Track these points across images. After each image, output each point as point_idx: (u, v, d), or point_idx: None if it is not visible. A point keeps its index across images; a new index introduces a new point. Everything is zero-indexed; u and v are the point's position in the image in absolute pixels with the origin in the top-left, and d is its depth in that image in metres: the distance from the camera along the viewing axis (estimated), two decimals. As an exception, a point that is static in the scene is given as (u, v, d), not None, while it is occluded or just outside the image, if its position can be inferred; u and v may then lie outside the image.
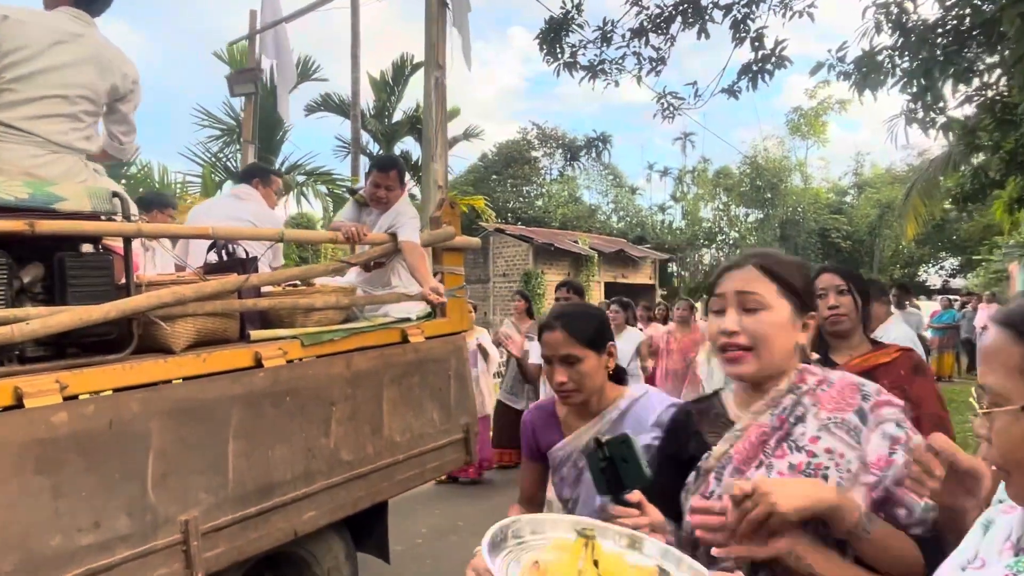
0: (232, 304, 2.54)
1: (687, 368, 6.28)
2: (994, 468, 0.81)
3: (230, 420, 2.30)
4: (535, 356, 5.91)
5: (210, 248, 2.97)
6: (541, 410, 1.92)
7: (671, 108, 7.70)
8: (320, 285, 3.24)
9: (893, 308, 4.81)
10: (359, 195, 3.68)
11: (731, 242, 40.25)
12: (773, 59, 6.84)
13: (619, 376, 1.83)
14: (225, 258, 2.93)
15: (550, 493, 1.93)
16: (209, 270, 2.83)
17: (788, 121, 40.13)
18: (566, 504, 1.80)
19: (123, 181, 7.87)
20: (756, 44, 6.84)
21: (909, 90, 6.16)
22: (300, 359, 2.67)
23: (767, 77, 6.92)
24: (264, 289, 2.90)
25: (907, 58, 6.09)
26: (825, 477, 1.15)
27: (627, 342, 5.75)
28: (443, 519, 5.23)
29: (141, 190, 8.26)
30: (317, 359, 2.74)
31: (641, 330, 7.23)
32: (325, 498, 2.66)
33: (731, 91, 7.24)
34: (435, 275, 3.51)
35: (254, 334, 2.62)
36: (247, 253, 3.00)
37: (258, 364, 2.45)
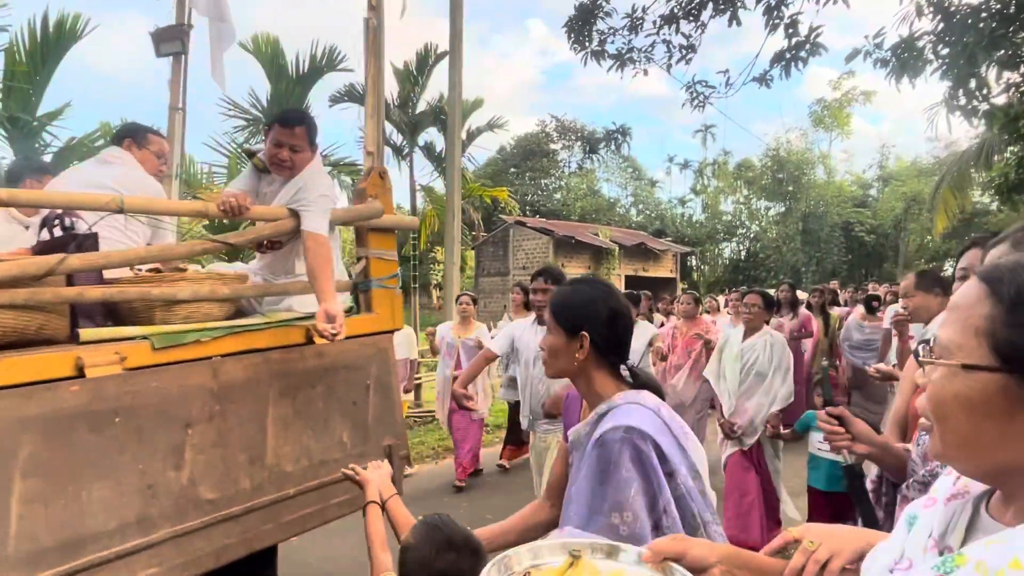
0: (42, 294, 1.90)
1: (691, 361, 5.99)
2: (922, 420, 0.88)
3: (16, 453, 1.71)
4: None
5: (43, 224, 2.29)
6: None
7: (701, 97, 7.54)
8: (205, 272, 2.56)
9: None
10: (258, 158, 2.85)
11: (752, 235, 39.82)
12: (808, 46, 6.67)
13: (631, 374, 1.64)
14: (60, 234, 2.24)
15: None
16: (40, 249, 2.18)
17: (811, 113, 39.58)
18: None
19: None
20: (790, 31, 6.68)
21: (950, 76, 5.97)
22: (146, 367, 2.03)
23: (801, 64, 6.76)
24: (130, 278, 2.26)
25: (949, 43, 5.88)
26: None
27: (638, 338, 5.45)
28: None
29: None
30: (167, 367, 2.08)
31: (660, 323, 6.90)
32: (171, 550, 2.02)
33: (763, 79, 7.10)
34: (358, 261, 2.81)
35: (85, 333, 1.99)
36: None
37: (80, 373, 1.84)
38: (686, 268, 34.85)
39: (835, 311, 8.14)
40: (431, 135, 19.26)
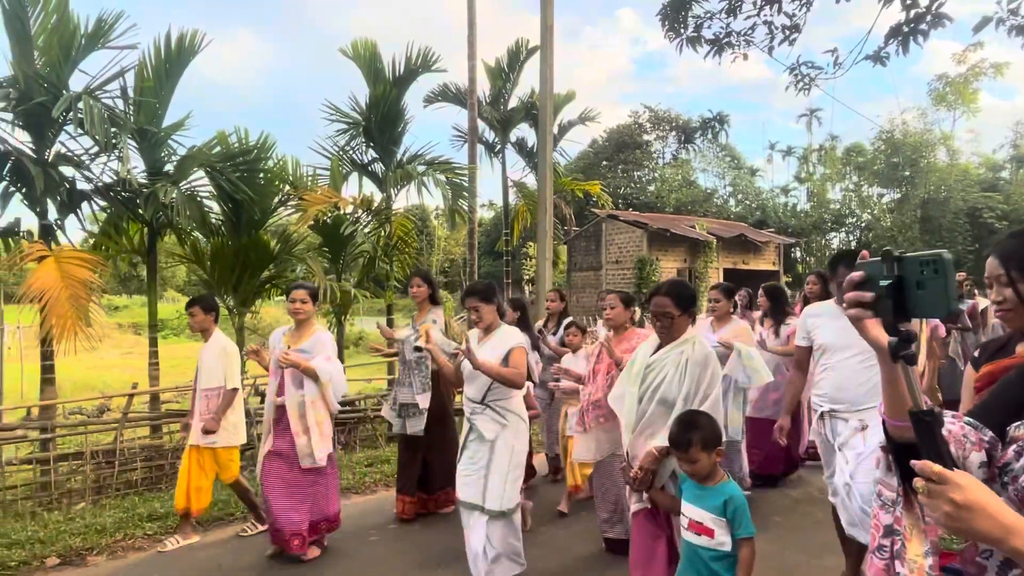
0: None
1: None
2: None
3: None
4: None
5: None
6: None
7: (807, 79, 7.11)
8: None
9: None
10: None
11: (863, 225, 37.41)
12: (929, 18, 6.13)
13: None
14: None
15: None
16: None
17: (931, 90, 36.67)
18: None
19: (260, 175, 8.30)
20: (908, 2, 6.15)
21: (1104, 40, 5.33)
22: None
23: (921, 38, 6.22)
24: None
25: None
26: None
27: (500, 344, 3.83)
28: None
29: (277, 183, 8.71)
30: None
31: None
32: None
33: (877, 57, 6.59)
34: None
35: None
36: None
37: None
38: (790, 261, 33.22)
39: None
40: (523, 131, 19.35)
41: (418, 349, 4.32)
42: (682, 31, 7.24)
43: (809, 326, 3.69)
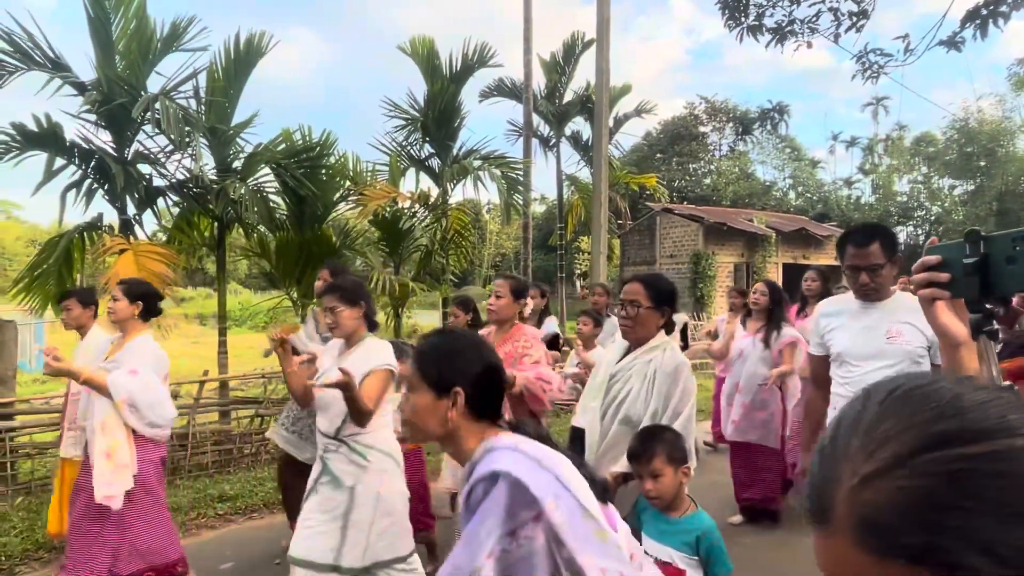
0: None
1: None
2: None
3: None
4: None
5: None
6: None
7: (875, 67, 6.86)
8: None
9: None
10: None
11: (932, 218, 35.76)
12: (1010, -1, 5.84)
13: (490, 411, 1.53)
14: None
15: None
16: None
17: (1011, 75, 34.56)
18: None
19: (323, 171, 8.52)
20: (987, -17, 5.88)
21: None
22: None
23: (1002, 21, 5.93)
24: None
25: None
26: None
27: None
28: None
29: (339, 179, 8.93)
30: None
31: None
32: None
33: (952, 42, 6.31)
34: None
35: None
36: None
37: None
38: (853, 255, 32.06)
39: None
40: (578, 124, 19.29)
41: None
42: (743, 20, 7.09)
43: (822, 328, 2.88)
